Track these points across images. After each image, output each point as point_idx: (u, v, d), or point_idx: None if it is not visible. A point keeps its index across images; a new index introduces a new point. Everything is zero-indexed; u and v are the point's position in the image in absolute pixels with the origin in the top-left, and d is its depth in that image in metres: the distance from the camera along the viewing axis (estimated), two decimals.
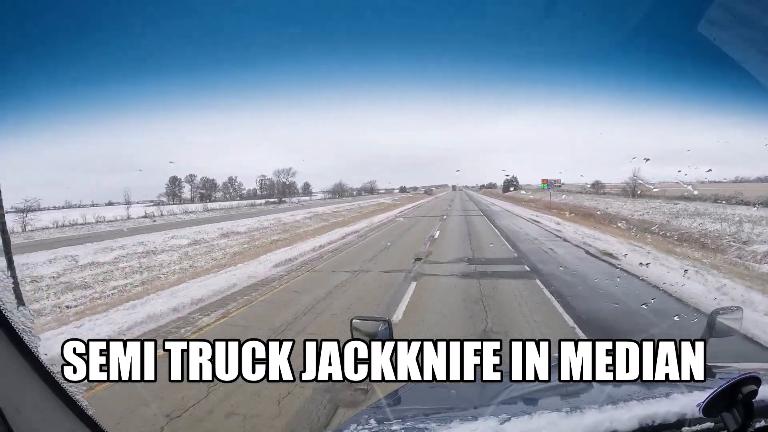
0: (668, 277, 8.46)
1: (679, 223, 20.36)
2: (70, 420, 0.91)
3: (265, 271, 11.01)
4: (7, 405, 0.77)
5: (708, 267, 9.87)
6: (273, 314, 7.01)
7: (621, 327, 5.81)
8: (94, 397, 4.04)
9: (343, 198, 56.73)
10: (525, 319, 6.27)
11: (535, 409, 1.13)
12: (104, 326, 6.61)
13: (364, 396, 4.05)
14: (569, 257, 11.54)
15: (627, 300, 7.14)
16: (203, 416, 3.83)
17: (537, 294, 7.65)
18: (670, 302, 7.04)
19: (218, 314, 7.20)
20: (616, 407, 1.08)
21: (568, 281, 8.63)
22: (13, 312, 0.87)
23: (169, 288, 9.43)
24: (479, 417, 1.11)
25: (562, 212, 27.87)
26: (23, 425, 0.79)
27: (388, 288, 8.47)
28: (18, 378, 0.85)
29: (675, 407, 1.05)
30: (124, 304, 8.01)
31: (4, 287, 0.89)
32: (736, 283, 7.92)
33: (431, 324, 6.16)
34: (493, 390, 1.44)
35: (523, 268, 10.03)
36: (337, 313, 6.81)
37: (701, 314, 5.89)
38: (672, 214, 23.38)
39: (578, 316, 6.25)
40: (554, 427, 1.02)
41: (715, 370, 1.59)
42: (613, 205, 31.02)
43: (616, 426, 1.02)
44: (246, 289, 9.00)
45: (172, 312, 7.35)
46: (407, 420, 1.23)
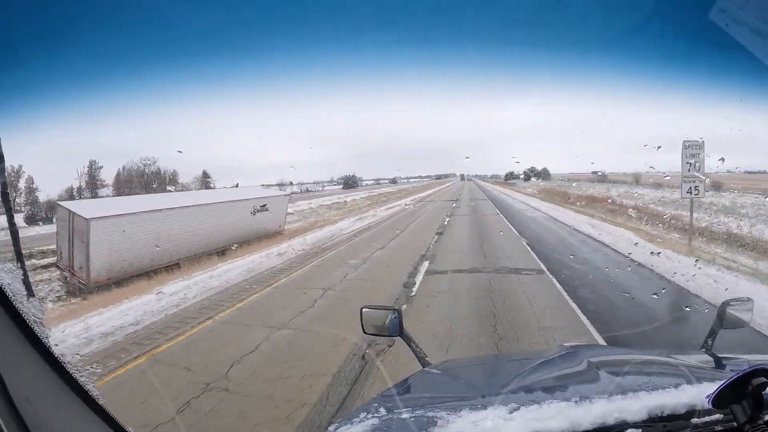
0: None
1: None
2: (81, 410, 0.92)
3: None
4: (18, 395, 0.78)
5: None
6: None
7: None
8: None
9: (352, 189, 55.48)
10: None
11: (543, 398, 1.13)
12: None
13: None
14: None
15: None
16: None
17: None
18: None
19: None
20: (625, 397, 1.08)
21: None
22: (23, 303, 0.88)
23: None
24: (488, 406, 1.12)
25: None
26: (34, 415, 0.80)
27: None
28: (29, 369, 0.86)
29: (684, 398, 1.05)
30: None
31: (14, 279, 0.89)
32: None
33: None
34: (502, 379, 1.45)
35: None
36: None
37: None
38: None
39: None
40: (563, 416, 1.02)
41: (725, 361, 1.59)
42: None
43: (625, 416, 1.02)
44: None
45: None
46: (417, 408, 1.24)
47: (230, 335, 6.26)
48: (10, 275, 0.89)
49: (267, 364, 5.09)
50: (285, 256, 12.67)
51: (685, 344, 4.85)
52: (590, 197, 27.69)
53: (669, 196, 22.77)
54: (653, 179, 30.29)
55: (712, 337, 1.88)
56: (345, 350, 5.22)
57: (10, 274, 0.89)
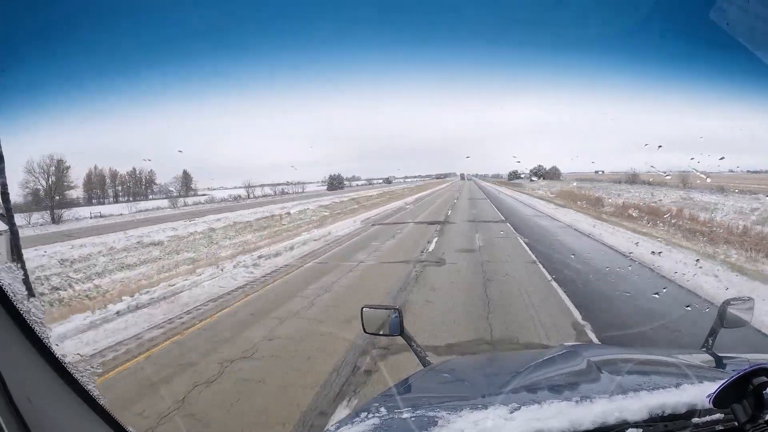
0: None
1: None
2: (82, 410, 0.92)
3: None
4: (19, 395, 0.78)
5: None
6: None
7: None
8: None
9: (338, 190, 50.38)
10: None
11: (544, 398, 1.13)
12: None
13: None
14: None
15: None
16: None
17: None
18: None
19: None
20: (625, 397, 1.08)
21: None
22: (24, 303, 0.88)
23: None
24: (489, 405, 1.12)
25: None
26: (35, 415, 0.80)
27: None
28: (30, 369, 0.86)
29: (685, 398, 1.05)
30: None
31: (14, 279, 0.89)
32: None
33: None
34: (503, 379, 1.45)
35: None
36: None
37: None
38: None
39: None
40: (563, 416, 1.02)
41: (725, 360, 1.59)
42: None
43: (626, 415, 1.02)
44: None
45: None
46: (417, 408, 1.24)
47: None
48: (11, 275, 0.89)
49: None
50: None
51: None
52: (640, 207, 19.86)
53: (746, 206, 17.27)
54: (699, 181, 24.87)
55: (712, 337, 1.88)
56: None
57: (11, 274, 0.89)
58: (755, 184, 24.85)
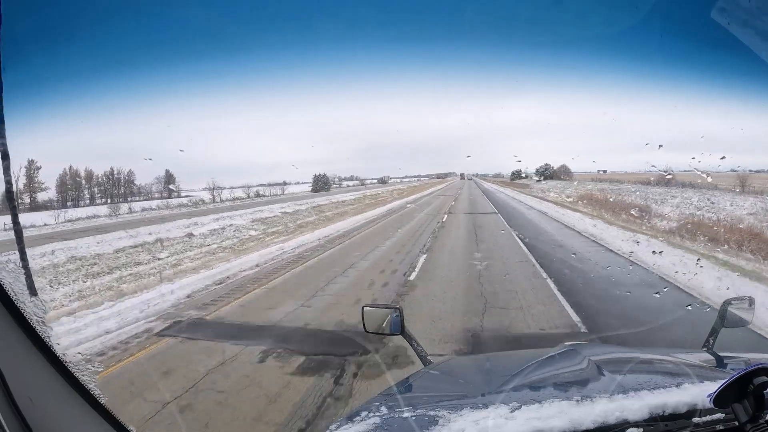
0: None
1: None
2: (83, 408, 0.92)
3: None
4: (20, 394, 0.78)
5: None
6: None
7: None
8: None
9: (323, 192, 41.42)
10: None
11: (545, 397, 1.12)
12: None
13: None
14: None
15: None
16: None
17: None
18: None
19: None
20: (626, 396, 1.08)
21: None
22: (25, 302, 0.88)
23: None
24: (490, 405, 1.12)
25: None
26: (36, 414, 0.80)
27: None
28: (31, 368, 0.86)
29: (686, 397, 1.05)
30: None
31: (16, 278, 0.89)
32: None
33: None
34: (504, 378, 1.45)
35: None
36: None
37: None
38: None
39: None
40: (564, 416, 1.02)
41: (726, 360, 1.58)
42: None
43: (627, 415, 1.02)
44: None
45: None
46: (418, 407, 1.24)
47: None
48: (13, 274, 0.89)
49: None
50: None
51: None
52: (723, 226, 13.10)
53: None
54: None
55: (713, 336, 1.88)
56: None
57: (13, 273, 0.89)
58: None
